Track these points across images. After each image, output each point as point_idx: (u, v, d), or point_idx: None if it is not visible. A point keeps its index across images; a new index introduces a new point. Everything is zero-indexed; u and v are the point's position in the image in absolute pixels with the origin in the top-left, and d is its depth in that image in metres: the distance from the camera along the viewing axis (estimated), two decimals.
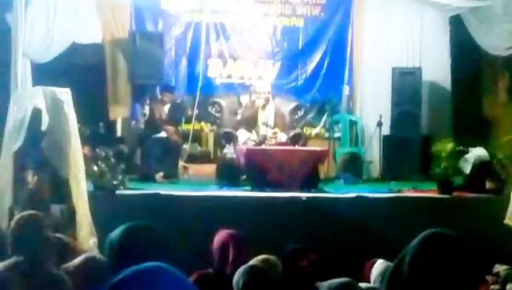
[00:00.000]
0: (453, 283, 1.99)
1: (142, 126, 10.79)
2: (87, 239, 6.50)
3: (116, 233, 2.88)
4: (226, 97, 11.79)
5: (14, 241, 4.15)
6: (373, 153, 11.32)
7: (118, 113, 11.41)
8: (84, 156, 7.27)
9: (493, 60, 11.38)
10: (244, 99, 11.36)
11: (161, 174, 9.83)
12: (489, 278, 6.35)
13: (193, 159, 11.04)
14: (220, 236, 4.79)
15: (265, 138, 10.34)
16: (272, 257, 4.66)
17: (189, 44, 11.79)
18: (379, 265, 4.68)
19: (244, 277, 3.93)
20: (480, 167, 8.85)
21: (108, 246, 2.89)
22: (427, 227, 2.13)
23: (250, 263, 4.25)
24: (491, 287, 6.18)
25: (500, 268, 6.60)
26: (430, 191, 8.99)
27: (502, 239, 7.38)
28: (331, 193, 8.92)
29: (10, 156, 6.82)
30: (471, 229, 5.10)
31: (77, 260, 4.16)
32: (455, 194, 8.70)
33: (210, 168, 10.40)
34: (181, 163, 10.54)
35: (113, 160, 8.14)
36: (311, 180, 8.99)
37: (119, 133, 11.36)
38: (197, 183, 9.64)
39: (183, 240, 7.00)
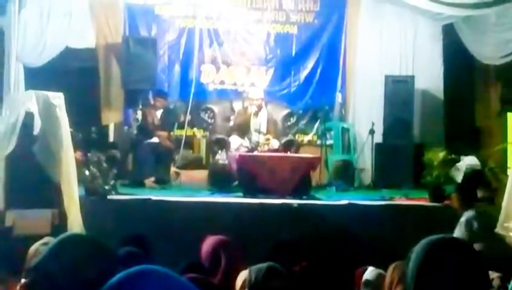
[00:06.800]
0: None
1: (135, 131, 10.77)
2: None
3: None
4: (218, 103, 11.75)
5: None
6: (365, 161, 11.32)
7: (111, 118, 11.38)
8: (76, 160, 7.27)
9: (486, 69, 11.42)
10: (237, 105, 11.31)
11: (153, 179, 9.82)
12: None
13: (185, 165, 11.01)
14: (210, 242, 4.75)
15: (257, 144, 10.31)
16: (274, 265, 4.61)
17: (183, 50, 11.78)
18: (370, 272, 4.68)
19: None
20: (472, 175, 8.85)
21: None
22: (419, 235, 2.12)
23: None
24: None
25: (492, 275, 6.59)
26: (421, 199, 8.99)
27: (494, 248, 7.38)
28: (322, 200, 8.92)
29: (2, 159, 6.82)
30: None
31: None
32: (447, 202, 8.71)
33: (202, 174, 10.39)
34: (173, 169, 10.53)
35: (105, 165, 8.13)
36: (303, 187, 9.00)
37: (111, 138, 11.33)
38: (188, 189, 9.63)
39: (173, 245, 7.01)
